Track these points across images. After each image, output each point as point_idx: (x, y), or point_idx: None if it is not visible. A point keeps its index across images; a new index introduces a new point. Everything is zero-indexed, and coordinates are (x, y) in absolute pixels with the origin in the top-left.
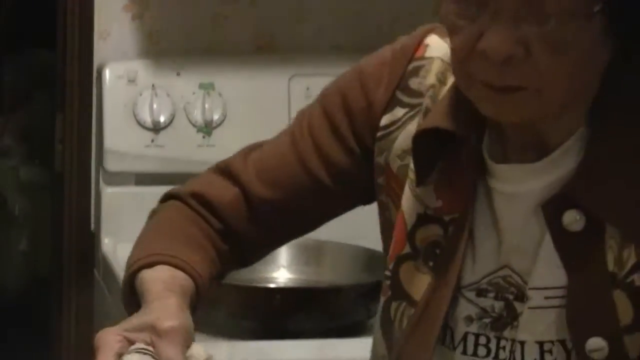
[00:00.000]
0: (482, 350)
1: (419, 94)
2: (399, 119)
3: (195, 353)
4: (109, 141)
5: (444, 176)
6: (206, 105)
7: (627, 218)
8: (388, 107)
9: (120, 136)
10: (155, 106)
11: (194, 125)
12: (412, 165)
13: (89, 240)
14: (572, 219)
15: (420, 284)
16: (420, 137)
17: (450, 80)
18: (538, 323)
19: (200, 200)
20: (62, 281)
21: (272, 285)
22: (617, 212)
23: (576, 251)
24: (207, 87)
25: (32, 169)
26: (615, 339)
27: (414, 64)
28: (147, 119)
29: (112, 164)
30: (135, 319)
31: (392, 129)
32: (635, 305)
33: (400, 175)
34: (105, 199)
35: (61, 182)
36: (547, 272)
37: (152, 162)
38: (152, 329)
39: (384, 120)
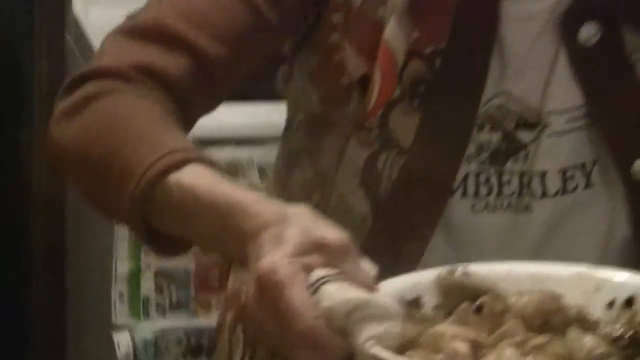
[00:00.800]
0: (483, 189)
1: None
2: None
3: (366, 267)
4: None
5: (422, 3)
6: None
7: None
8: None
9: None
10: None
11: None
12: None
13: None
14: (589, 33)
15: (408, 127)
16: None
17: None
18: (560, 149)
19: (149, 74)
20: (34, 42)
21: None
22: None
23: (596, 66)
24: None
25: None
26: None
27: None
28: None
29: None
30: (292, 240)
31: None
32: None
33: (367, 9)
34: None
35: None
36: (564, 94)
37: None
38: (323, 247)
39: None
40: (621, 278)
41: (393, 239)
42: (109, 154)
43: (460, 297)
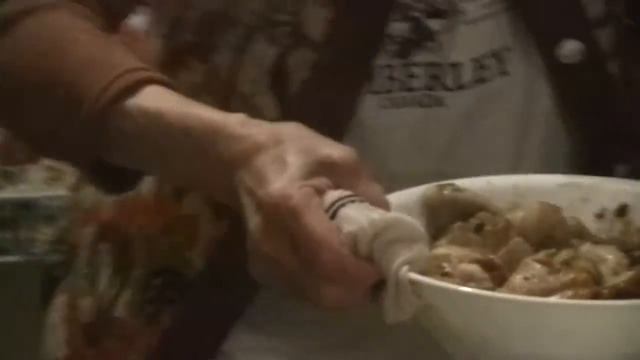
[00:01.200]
0: (391, 84)
1: None
2: None
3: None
4: None
5: None
6: None
7: None
8: None
9: None
10: None
11: None
12: None
13: None
14: None
15: (321, 20)
16: None
17: None
18: (474, 38)
19: None
20: None
21: None
22: None
23: None
24: None
25: None
26: (588, 37)
27: None
28: None
29: None
30: (297, 163)
31: None
32: None
33: None
34: None
35: None
36: None
37: None
38: (331, 167)
39: None
40: (609, 186)
41: None
42: (48, 80)
43: (449, 216)
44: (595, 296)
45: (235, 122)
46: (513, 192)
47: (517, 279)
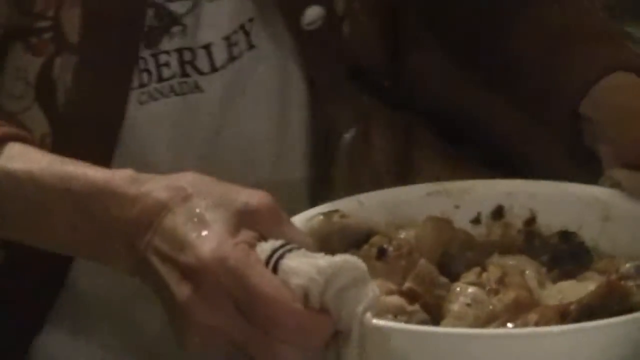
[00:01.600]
0: (147, 77)
1: None
2: None
3: None
4: None
5: None
6: None
7: None
8: None
9: None
10: None
11: None
12: None
13: None
14: None
15: (74, 20)
16: None
17: None
18: (221, 15)
19: None
20: None
21: None
22: None
23: None
24: None
25: None
26: (327, 1)
27: None
28: None
29: None
30: (218, 218)
31: None
32: None
33: None
34: None
35: None
36: None
37: None
38: (252, 216)
39: None
40: (479, 189)
41: (78, 152)
42: None
43: (340, 244)
44: (563, 315)
45: (123, 179)
46: (385, 209)
47: (457, 306)
